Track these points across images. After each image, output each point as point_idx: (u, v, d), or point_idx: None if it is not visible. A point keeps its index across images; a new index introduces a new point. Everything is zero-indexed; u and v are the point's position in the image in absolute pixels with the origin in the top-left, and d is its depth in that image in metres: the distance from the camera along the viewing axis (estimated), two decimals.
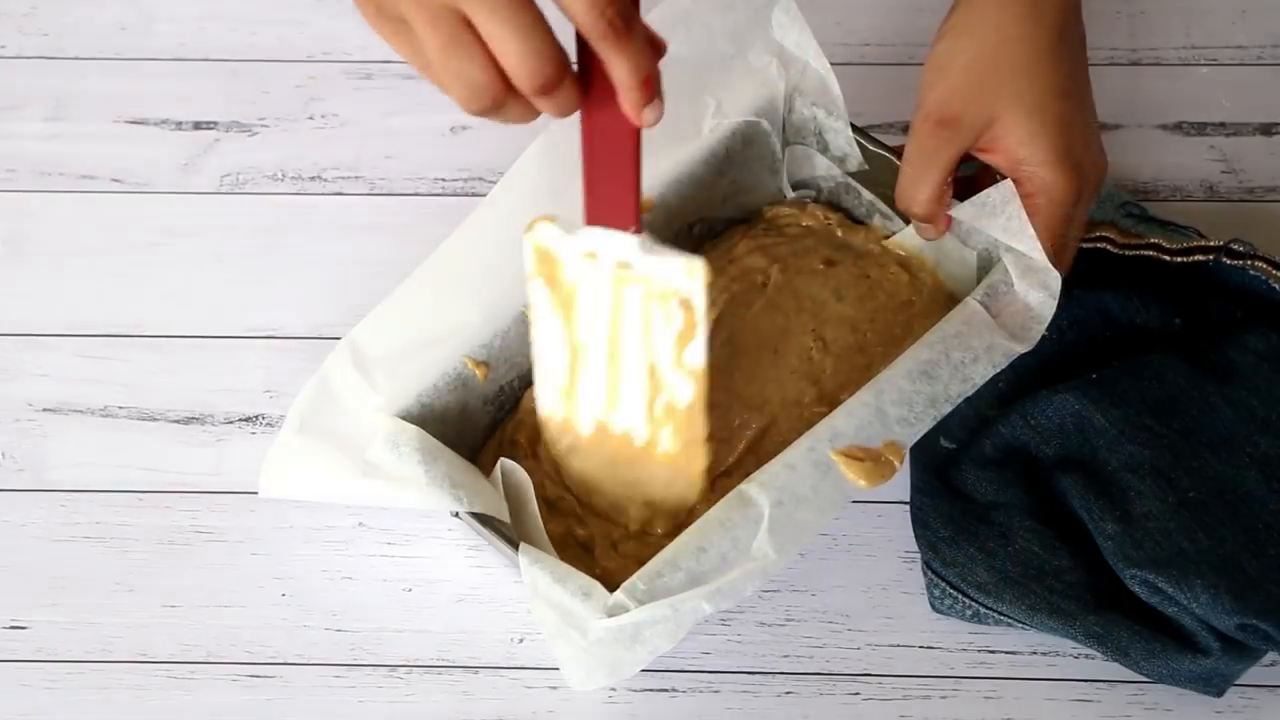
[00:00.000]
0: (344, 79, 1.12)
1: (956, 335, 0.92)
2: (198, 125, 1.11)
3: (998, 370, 0.91)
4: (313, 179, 1.09)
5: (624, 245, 0.84)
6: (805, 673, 0.93)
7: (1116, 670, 0.93)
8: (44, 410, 1.02)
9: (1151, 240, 1.01)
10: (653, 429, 0.90)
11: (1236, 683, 0.92)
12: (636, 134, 0.79)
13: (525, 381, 0.95)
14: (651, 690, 0.93)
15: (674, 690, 0.93)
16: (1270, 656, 0.93)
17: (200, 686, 0.94)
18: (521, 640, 0.95)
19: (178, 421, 1.01)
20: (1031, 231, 0.92)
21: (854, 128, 0.99)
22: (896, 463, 0.88)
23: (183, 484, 0.99)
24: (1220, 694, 0.92)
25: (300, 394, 0.91)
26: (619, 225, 0.83)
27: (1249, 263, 0.99)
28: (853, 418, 0.89)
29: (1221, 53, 1.12)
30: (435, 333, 0.92)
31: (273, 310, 1.05)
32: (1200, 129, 1.10)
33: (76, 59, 1.13)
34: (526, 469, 0.91)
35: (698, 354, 0.87)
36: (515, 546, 0.87)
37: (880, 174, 0.99)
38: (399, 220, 1.07)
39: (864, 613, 0.95)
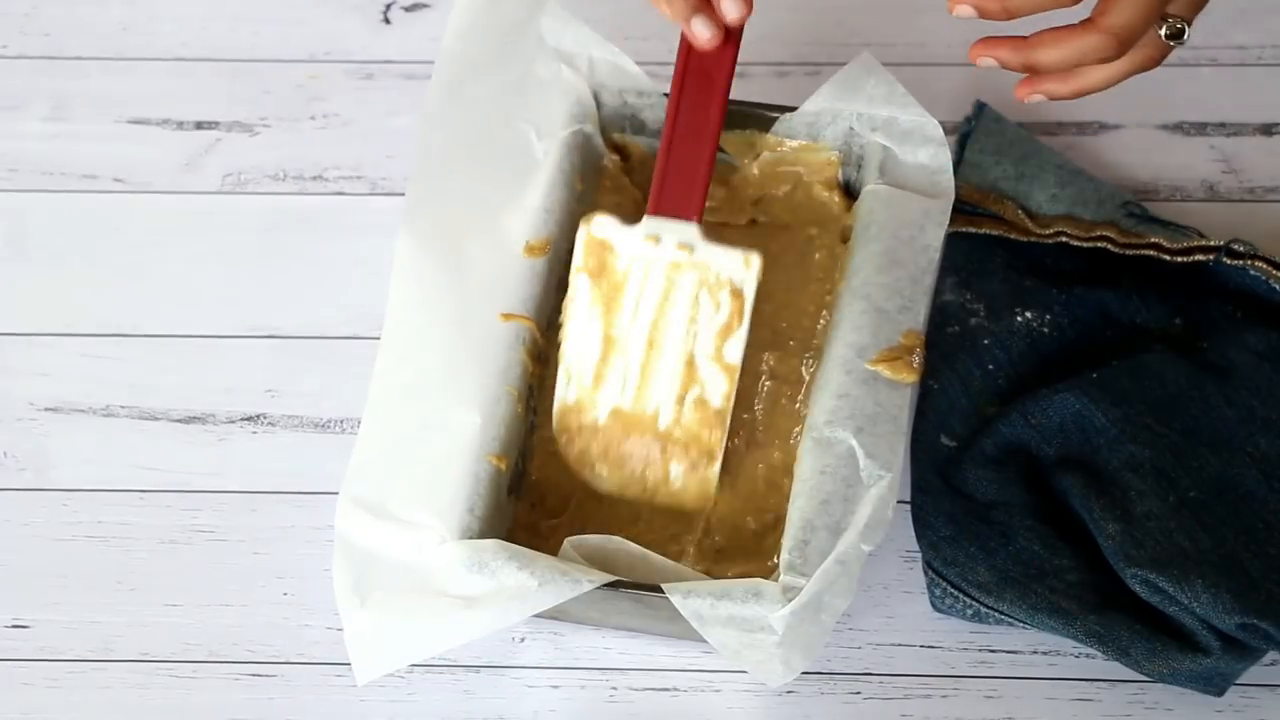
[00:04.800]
0: (345, 79, 1.12)
1: (888, 219, 0.95)
2: (199, 125, 1.11)
3: (945, 228, 0.95)
4: (314, 179, 1.09)
5: (686, 231, 0.90)
6: (806, 671, 0.93)
7: (1117, 670, 0.93)
8: (45, 410, 1.02)
9: (1152, 240, 1.01)
10: (676, 416, 0.92)
11: (1237, 682, 0.92)
12: (717, 128, 0.89)
13: (527, 457, 0.95)
14: (653, 689, 0.93)
15: (675, 690, 0.93)
16: (1271, 656, 0.93)
17: (201, 686, 0.94)
18: (523, 640, 0.95)
19: (179, 421, 1.01)
20: (901, 89, 0.96)
21: (668, 95, 1.00)
22: (921, 349, 0.92)
23: (184, 484, 0.99)
24: (1221, 693, 0.92)
25: (335, 575, 0.87)
26: (683, 215, 0.90)
27: (1249, 263, 0.99)
28: (861, 329, 0.92)
29: (1221, 53, 1.12)
30: (442, 450, 0.90)
31: (274, 310, 1.05)
32: (1200, 129, 1.10)
33: (78, 59, 1.13)
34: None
35: (737, 349, 0.91)
36: (656, 590, 0.86)
37: None
38: (400, 220, 1.07)
39: (865, 612, 0.95)
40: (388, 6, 1.15)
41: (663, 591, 0.86)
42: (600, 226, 0.91)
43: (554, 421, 0.93)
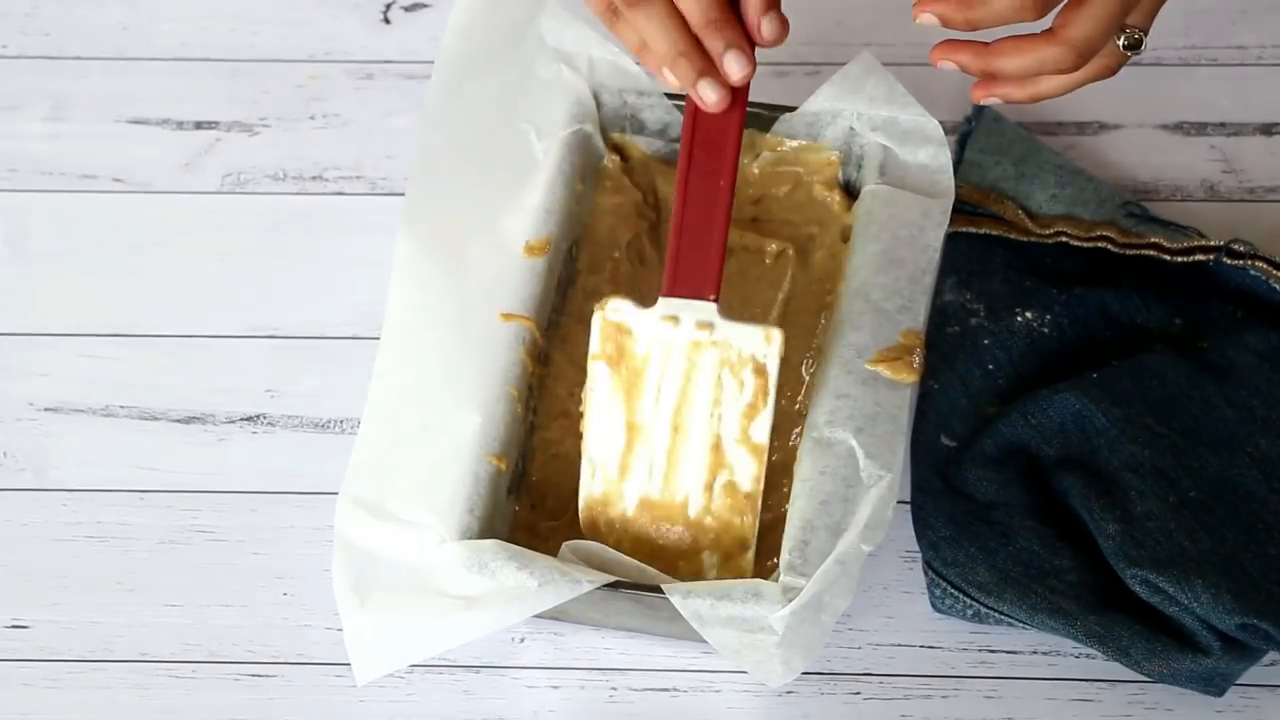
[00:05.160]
0: (345, 79, 1.12)
1: (888, 219, 0.95)
2: (199, 125, 1.11)
3: (944, 228, 0.95)
4: (314, 179, 1.09)
5: (704, 310, 0.87)
6: (806, 672, 0.93)
7: (1117, 670, 0.93)
8: (45, 410, 1.02)
9: (1152, 240, 1.01)
10: (706, 504, 0.90)
11: (1237, 682, 0.92)
12: (729, 199, 0.87)
13: (527, 457, 0.95)
14: (653, 690, 0.93)
15: (675, 690, 0.93)
16: (1271, 656, 0.93)
17: (201, 686, 0.94)
18: (523, 640, 0.95)
19: (178, 421, 1.01)
20: (901, 89, 0.96)
21: (669, 95, 1.00)
22: (921, 349, 0.92)
23: (184, 484, 0.99)
24: (1221, 693, 0.92)
25: (334, 574, 0.88)
26: (700, 294, 0.87)
27: (1249, 263, 1.00)
28: (861, 329, 0.92)
29: (1221, 53, 1.12)
30: (442, 450, 0.90)
31: (273, 310, 1.05)
32: (1200, 129, 1.10)
33: (77, 59, 1.13)
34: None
35: (764, 429, 0.89)
36: (656, 590, 0.86)
37: None
38: (400, 220, 1.07)
39: (865, 612, 0.95)
40: (387, 6, 1.15)
41: (662, 592, 0.86)
42: (615, 311, 0.88)
43: (581, 516, 0.91)
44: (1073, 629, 0.92)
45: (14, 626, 0.96)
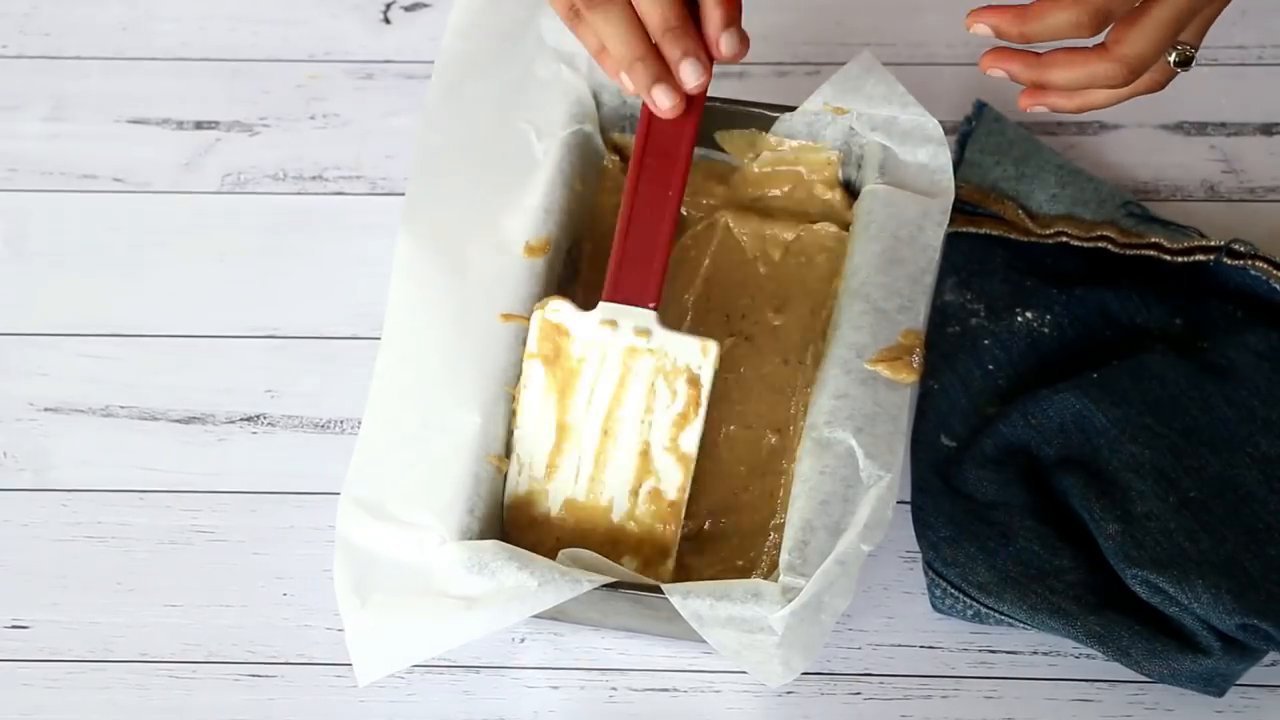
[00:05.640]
0: (345, 79, 1.12)
1: (888, 218, 0.95)
2: (199, 125, 1.11)
3: (944, 228, 0.95)
4: (314, 179, 1.09)
5: (643, 317, 0.89)
6: (806, 672, 0.93)
7: (1117, 670, 0.93)
8: (45, 410, 1.02)
9: (1152, 240, 1.01)
10: (631, 509, 0.90)
11: (1237, 683, 0.92)
12: (676, 208, 0.88)
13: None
14: (653, 690, 0.93)
15: (675, 690, 0.93)
16: (1271, 656, 0.93)
17: (201, 686, 0.94)
18: (523, 640, 0.95)
19: (178, 421, 1.01)
20: (901, 89, 0.96)
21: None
22: (920, 348, 0.91)
23: (183, 484, 0.99)
24: (1221, 694, 0.92)
25: (335, 575, 0.88)
26: (640, 302, 0.89)
27: (1249, 263, 1.00)
28: (860, 329, 0.92)
29: (1221, 53, 1.12)
30: (442, 450, 0.90)
31: (273, 310, 1.05)
32: (1200, 129, 1.10)
33: (77, 59, 1.13)
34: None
35: (693, 439, 0.90)
36: (656, 590, 0.86)
37: (707, 128, 1.00)
38: (400, 220, 1.07)
39: (865, 612, 0.95)
40: (387, 6, 1.15)
41: (662, 592, 0.86)
42: (555, 311, 0.90)
43: (504, 514, 0.91)
44: (1073, 629, 0.92)
45: (14, 626, 0.96)
